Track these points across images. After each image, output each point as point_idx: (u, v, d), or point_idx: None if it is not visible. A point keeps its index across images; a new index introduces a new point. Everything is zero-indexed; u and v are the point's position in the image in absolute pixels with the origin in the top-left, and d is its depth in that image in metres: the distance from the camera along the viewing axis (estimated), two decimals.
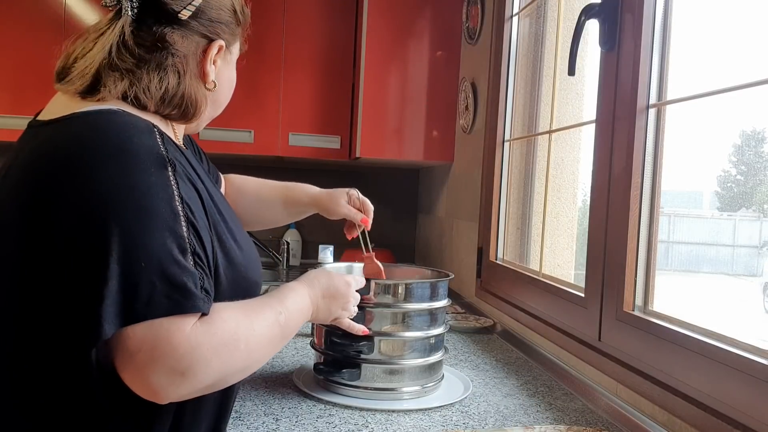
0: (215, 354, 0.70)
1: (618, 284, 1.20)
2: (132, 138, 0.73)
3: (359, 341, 1.13)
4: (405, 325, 1.15)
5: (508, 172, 1.94)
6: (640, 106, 1.17)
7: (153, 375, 0.66)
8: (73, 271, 0.67)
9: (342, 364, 1.15)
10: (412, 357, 1.16)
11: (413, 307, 1.16)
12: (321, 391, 1.16)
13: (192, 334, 0.68)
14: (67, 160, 0.71)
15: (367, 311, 1.13)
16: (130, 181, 0.69)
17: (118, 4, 0.81)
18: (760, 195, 1.66)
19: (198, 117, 0.90)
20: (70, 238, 0.67)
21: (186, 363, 0.68)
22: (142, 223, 0.68)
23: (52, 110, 0.83)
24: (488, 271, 1.95)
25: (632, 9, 1.19)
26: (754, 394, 0.85)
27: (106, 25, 0.83)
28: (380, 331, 1.14)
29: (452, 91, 2.41)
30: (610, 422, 1.10)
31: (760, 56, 1.01)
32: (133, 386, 0.68)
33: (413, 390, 1.16)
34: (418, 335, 1.16)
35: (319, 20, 2.66)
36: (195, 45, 0.86)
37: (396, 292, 1.15)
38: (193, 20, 0.84)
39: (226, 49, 0.93)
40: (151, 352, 0.66)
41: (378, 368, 1.14)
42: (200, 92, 0.88)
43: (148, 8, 0.82)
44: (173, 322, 0.67)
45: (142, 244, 0.67)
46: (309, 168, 3.09)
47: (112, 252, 0.66)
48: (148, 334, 0.66)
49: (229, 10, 0.91)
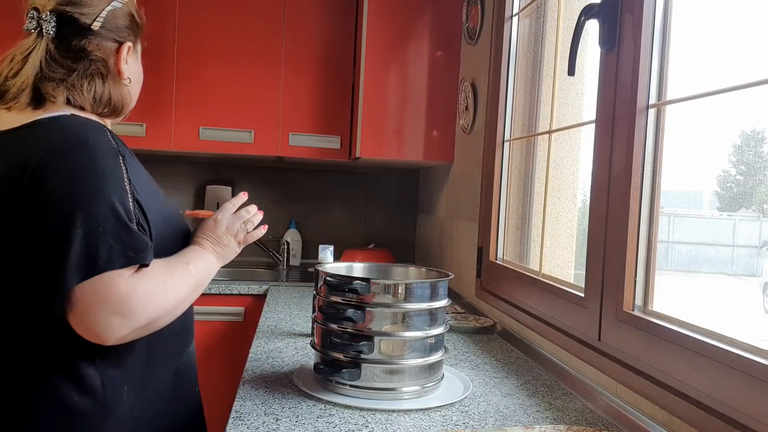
0: (148, 297, 0.89)
1: (618, 284, 1.20)
2: (88, 135, 0.94)
3: (359, 341, 1.13)
4: (405, 325, 1.15)
5: (508, 172, 1.94)
6: (640, 106, 1.17)
7: (96, 318, 0.84)
8: (45, 236, 0.86)
9: (342, 364, 1.14)
10: (412, 357, 1.16)
11: (413, 307, 1.15)
12: (321, 391, 1.16)
13: (130, 282, 0.87)
14: (44, 154, 0.89)
15: (367, 311, 1.13)
16: (91, 167, 0.90)
17: (38, 27, 1.00)
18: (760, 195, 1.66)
19: (126, 112, 1.10)
20: (44, 210, 0.87)
21: (125, 306, 0.86)
22: (101, 199, 0.88)
23: (8, 122, 0.98)
24: (488, 271, 1.95)
25: (632, 9, 1.19)
26: (754, 394, 0.85)
27: (32, 46, 1.00)
28: (380, 331, 1.14)
29: (452, 91, 2.41)
30: (610, 422, 1.10)
31: (760, 56, 1.01)
32: (79, 330, 0.85)
33: (413, 390, 1.16)
34: (418, 335, 1.16)
35: (319, 20, 2.66)
36: (109, 49, 1.05)
37: (396, 292, 1.15)
38: (103, 29, 1.03)
39: (133, 48, 1.10)
40: (94, 298, 0.84)
41: (378, 368, 1.14)
42: (123, 90, 1.07)
43: (64, 25, 1.00)
44: (115, 274, 0.86)
45: (101, 213, 0.87)
46: (309, 168, 3.09)
47: (76, 220, 0.85)
48: (92, 284, 0.84)
49: (128, 16, 1.08)
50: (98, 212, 0.87)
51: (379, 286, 1.14)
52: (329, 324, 1.17)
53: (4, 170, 0.92)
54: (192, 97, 2.60)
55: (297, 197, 3.10)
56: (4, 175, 0.91)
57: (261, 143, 2.65)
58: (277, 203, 3.08)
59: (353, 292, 1.14)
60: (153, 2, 2.58)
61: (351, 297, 1.15)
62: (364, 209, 3.15)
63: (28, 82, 0.97)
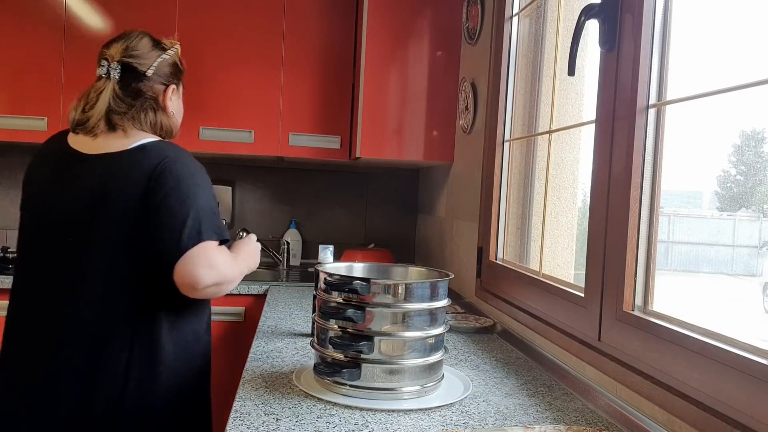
0: (224, 263, 1.29)
1: (618, 284, 1.20)
2: (182, 152, 1.35)
3: (359, 341, 1.13)
4: (405, 325, 1.15)
5: (508, 172, 1.94)
6: (640, 106, 1.17)
7: (197, 267, 1.23)
8: (168, 218, 1.25)
9: (342, 364, 1.14)
10: (412, 357, 1.15)
11: (413, 307, 1.15)
12: (321, 391, 1.16)
13: (217, 250, 1.28)
14: (159, 163, 1.29)
15: (367, 311, 1.13)
16: (191, 174, 1.32)
17: (108, 72, 1.36)
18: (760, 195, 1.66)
19: (174, 135, 1.48)
20: (164, 201, 1.26)
21: (213, 262, 1.25)
22: (205, 199, 1.31)
23: (104, 147, 1.33)
24: (488, 271, 1.95)
25: (632, 9, 1.19)
26: (754, 394, 0.85)
27: (102, 87, 1.35)
28: (380, 331, 1.14)
29: (452, 91, 2.41)
30: (610, 422, 1.10)
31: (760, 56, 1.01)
32: (183, 277, 1.23)
33: (413, 390, 1.16)
34: (418, 335, 1.16)
35: (319, 20, 2.66)
36: (158, 89, 1.42)
37: (396, 292, 1.15)
38: (155, 75, 1.40)
39: (176, 89, 1.47)
40: (198, 255, 1.24)
41: (378, 368, 1.14)
42: (171, 120, 1.45)
43: (127, 72, 1.36)
44: (210, 243, 1.27)
45: (202, 206, 1.29)
46: (309, 168, 3.09)
47: (190, 210, 1.26)
48: (198, 247, 1.25)
49: (173, 65, 1.45)
50: (201, 205, 1.28)
51: (379, 286, 1.14)
52: (329, 324, 1.17)
53: (133, 175, 1.28)
54: (192, 97, 2.60)
55: (297, 197, 3.10)
56: (133, 178, 1.27)
57: (261, 143, 2.65)
58: (277, 203, 3.08)
59: (353, 292, 1.13)
60: (153, 2, 2.58)
61: (351, 297, 1.14)
62: (364, 209, 3.14)
63: (101, 114, 1.32)
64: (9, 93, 2.55)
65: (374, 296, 1.14)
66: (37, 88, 2.55)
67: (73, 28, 2.56)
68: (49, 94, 2.55)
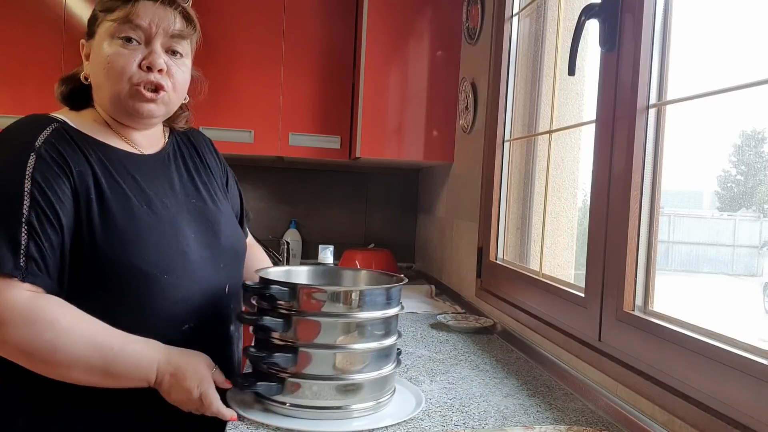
0: (24, 323, 0.88)
1: (618, 284, 1.20)
2: (18, 131, 1.01)
3: (275, 351, 0.99)
4: (356, 337, 1.01)
5: (508, 172, 1.94)
6: (640, 106, 1.17)
7: None
8: None
9: (264, 376, 1.00)
10: (366, 371, 1.02)
11: (365, 316, 1.01)
12: (257, 413, 1.01)
13: (17, 296, 0.89)
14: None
15: (312, 321, 0.99)
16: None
17: None
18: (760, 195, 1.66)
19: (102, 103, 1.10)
20: None
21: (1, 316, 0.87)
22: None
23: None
24: (488, 271, 1.95)
25: (632, 9, 1.19)
26: (754, 394, 0.85)
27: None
28: (327, 344, 0.99)
29: (452, 91, 2.41)
30: (610, 422, 1.10)
31: (760, 56, 1.01)
32: None
33: (366, 406, 1.03)
34: (371, 347, 1.02)
35: (319, 20, 2.66)
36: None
37: (349, 299, 1.01)
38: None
39: (84, 43, 1.12)
40: None
41: (324, 385, 0.99)
42: (93, 82, 1.11)
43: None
44: (5, 282, 0.88)
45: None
46: (309, 168, 3.09)
47: None
48: None
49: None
50: None
51: (327, 293, 1.00)
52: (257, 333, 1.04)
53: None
54: (197, 103, 2.60)
55: (297, 197, 3.10)
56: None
57: (261, 143, 2.65)
58: (277, 203, 3.08)
59: (270, 298, 1.01)
60: None
61: (268, 303, 1.02)
62: (364, 209, 3.14)
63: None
64: (9, 93, 2.55)
65: (298, 303, 0.99)
66: (37, 89, 2.54)
67: (73, 28, 2.56)
68: (49, 94, 2.54)
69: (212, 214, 1.18)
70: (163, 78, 1.08)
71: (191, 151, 1.26)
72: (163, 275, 1.03)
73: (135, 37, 1.05)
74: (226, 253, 1.17)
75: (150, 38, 1.06)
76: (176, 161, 1.20)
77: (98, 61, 1.06)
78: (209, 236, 1.14)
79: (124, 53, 1.04)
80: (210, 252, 1.13)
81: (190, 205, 1.15)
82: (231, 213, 1.28)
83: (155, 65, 1.06)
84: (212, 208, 1.19)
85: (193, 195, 1.17)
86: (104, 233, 0.99)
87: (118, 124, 1.12)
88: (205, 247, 1.12)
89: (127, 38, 1.04)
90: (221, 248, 1.16)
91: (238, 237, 1.25)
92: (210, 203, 1.19)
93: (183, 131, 1.28)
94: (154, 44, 1.07)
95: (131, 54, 1.05)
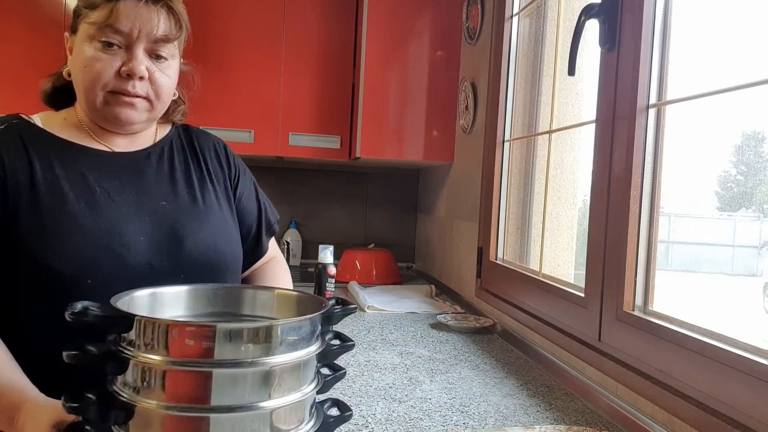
0: None
1: (618, 284, 1.20)
2: None
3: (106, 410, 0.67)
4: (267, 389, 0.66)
5: (508, 172, 1.94)
6: (640, 106, 1.17)
7: None
8: None
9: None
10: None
11: (280, 360, 0.67)
12: None
13: None
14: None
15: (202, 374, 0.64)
16: None
17: None
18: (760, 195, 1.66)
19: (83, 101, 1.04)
20: None
21: None
22: None
23: None
24: (488, 271, 1.95)
25: (632, 9, 1.19)
26: (754, 394, 0.85)
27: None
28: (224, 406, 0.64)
29: (452, 91, 2.41)
30: (610, 422, 1.10)
31: (760, 56, 1.01)
32: None
33: None
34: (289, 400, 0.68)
35: (319, 20, 2.66)
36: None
37: (260, 337, 0.66)
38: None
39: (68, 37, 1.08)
40: None
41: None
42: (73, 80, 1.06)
43: None
44: None
45: None
46: (309, 168, 3.09)
47: None
48: None
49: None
50: None
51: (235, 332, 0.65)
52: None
53: None
54: (192, 97, 2.60)
55: (297, 197, 3.10)
56: None
57: (261, 143, 2.65)
58: (277, 203, 3.07)
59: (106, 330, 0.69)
60: None
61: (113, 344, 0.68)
62: (364, 209, 3.14)
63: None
64: (9, 93, 2.55)
65: (216, 351, 0.64)
66: (37, 89, 2.54)
67: None
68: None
69: (183, 219, 1.05)
70: (143, 85, 1.01)
71: (189, 153, 1.19)
72: (86, 279, 0.92)
73: (116, 42, 0.99)
74: (192, 264, 1.02)
75: (131, 43, 0.99)
76: (160, 161, 1.12)
77: (77, 61, 1.01)
78: (169, 242, 1.02)
79: (102, 58, 0.98)
80: (168, 259, 1.00)
81: (155, 207, 1.04)
82: (226, 221, 1.14)
83: (135, 72, 0.99)
84: (188, 213, 1.07)
85: (166, 197, 1.07)
86: (27, 229, 0.93)
87: (99, 128, 1.07)
88: (160, 254, 1.00)
89: (107, 43, 0.98)
90: (183, 257, 1.02)
91: (219, 248, 1.08)
92: (189, 208, 1.08)
93: (192, 133, 1.26)
94: (136, 49, 1.00)
95: (110, 60, 0.99)
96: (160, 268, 1.00)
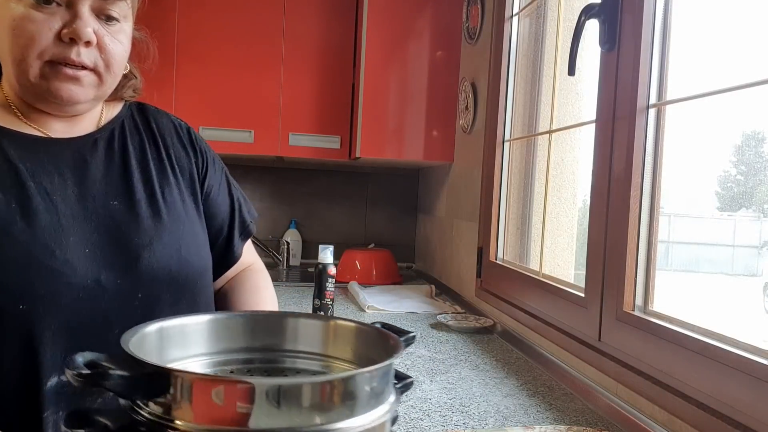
0: None
1: (618, 284, 1.20)
2: None
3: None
4: None
5: (508, 172, 1.94)
6: (640, 106, 1.17)
7: None
8: None
9: None
10: None
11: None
12: None
13: None
14: None
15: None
16: None
17: None
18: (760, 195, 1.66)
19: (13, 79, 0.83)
20: None
21: None
22: None
23: None
24: (488, 271, 1.95)
25: (632, 9, 1.19)
26: (754, 394, 0.85)
27: None
28: None
29: (452, 91, 2.41)
30: (610, 422, 1.10)
31: (760, 56, 1.01)
32: None
33: None
34: None
35: (319, 20, 2.66)
36: None
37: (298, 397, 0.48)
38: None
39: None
40: None
41: None
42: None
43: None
44: None
45: None
46: (309, 168, 3.09)
47: None
48: None
49: None
50: None
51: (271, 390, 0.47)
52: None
53: None
54: (192, 97, 2.60)
55: (297, 197, 3.10)
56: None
57: (261, 143, 2.65)
58: (277, 203, 3.08)
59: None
60: (153, 2, 2.58)
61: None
62: (364, 209, 3.14)
63: None
64: None
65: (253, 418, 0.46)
66: None
67: None
68: None
69: (139, 222, 0.87)
70: (90, 53, 0.80)
71: (147, 138, 0.95)
72: (17, 305, 0.74)
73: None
74: (151, 279, 0.84)
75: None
76: (110, 148, 0.90)
77: (2, 23, 0.78)
78: (121, 254, 0.83)
79: (36, 18, 0.77)
80: (121, 276, 0.82)
81: (104, 209, 0.85)
82: (192, 223, 0.94)
83: (80, 36, 0.78)
84: (145, 215, 0.88)
85: (118, 195, 0.87)
86: None
87: (31, 109, 0.85)
88: (110, 269, 0.81)
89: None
90: (141, 271, 0.83)
91: (184, 258, 0.89)
92: (146, 207, 0.88)
93: (149, 113, 0.99)
94: (80, 6, 0.78)
95: (47, 20, 0.77)
96: (110, 287, 0.80)
